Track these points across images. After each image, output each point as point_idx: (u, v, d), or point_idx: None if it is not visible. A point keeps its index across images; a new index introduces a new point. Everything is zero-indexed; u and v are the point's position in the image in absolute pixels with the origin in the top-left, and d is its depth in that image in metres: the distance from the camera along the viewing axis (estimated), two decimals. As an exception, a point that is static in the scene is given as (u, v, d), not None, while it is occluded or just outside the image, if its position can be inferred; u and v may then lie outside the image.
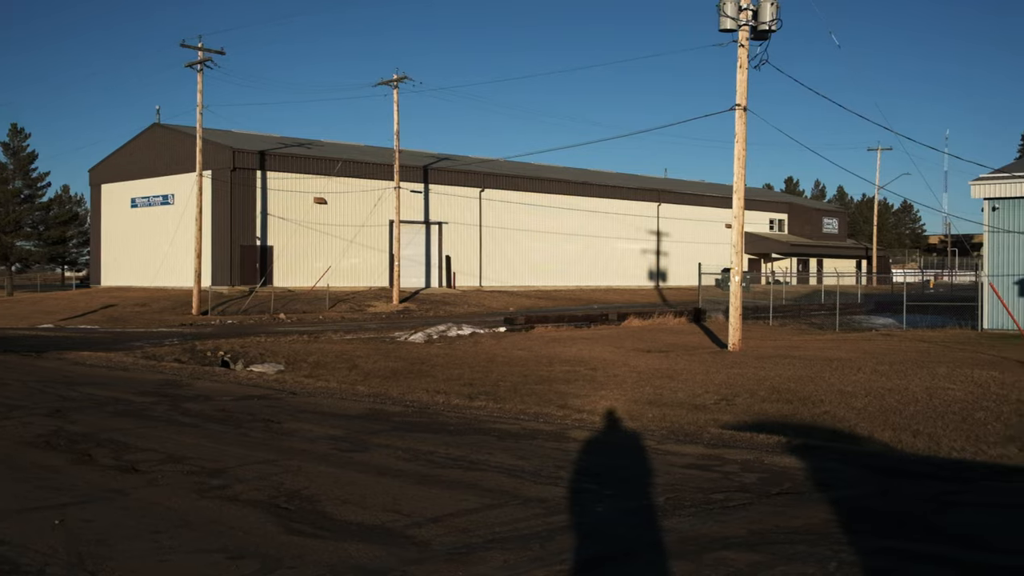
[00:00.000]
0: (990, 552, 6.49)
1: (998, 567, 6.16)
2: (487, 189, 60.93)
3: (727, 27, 24.91)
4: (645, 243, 71.02)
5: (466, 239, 59.81)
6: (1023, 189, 30.50)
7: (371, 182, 54.22)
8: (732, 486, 8.57)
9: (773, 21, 24.69)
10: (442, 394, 16.17)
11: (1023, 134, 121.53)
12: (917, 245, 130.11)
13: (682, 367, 20.53)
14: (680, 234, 72.55)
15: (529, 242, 62.98)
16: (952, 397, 15.70)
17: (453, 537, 6.89)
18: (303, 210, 52.19)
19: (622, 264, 68.97)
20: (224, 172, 49.57)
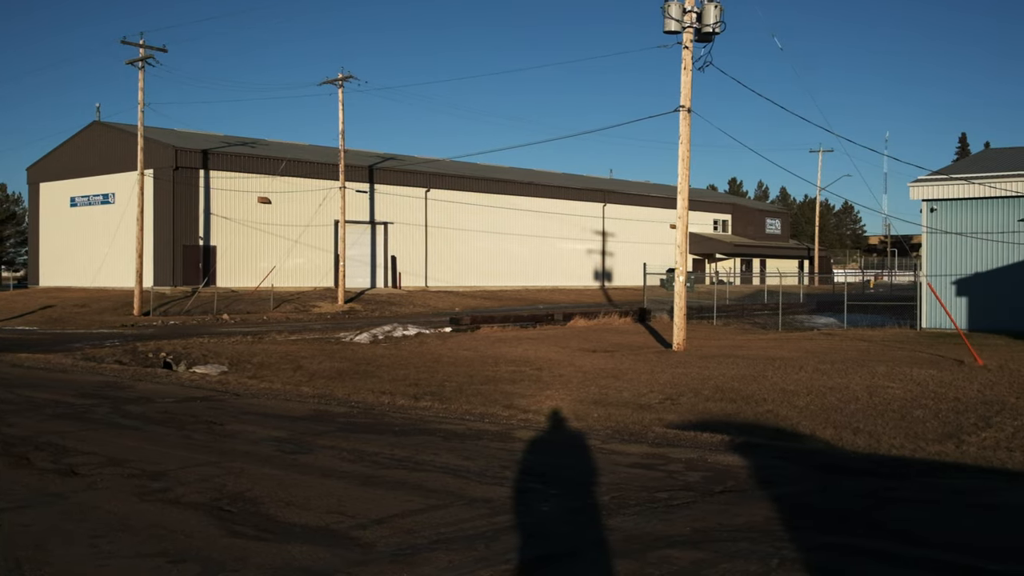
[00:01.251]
0: (927, 547, 6.61)
1: (934, 561, 6.27)
2: (433, 189, 60.81)
3: (671, 29, 25.07)
4: (591, 243, 71.31)
5: (412, 239, 59.64)
6: (960, 191, 31.07)
7: (316, 182, 53.86)
8: (676, 485, 8.63)
9: (717, 24, 24.89)
10: (387, 395, 16.11)
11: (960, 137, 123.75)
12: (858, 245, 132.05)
13: (627, 367, 20.63)
14: (626, 234, 72.94)
15: (475, 242, 62.97)
16: (892, 395, 15.93)
17: (398, 538, 6.86)
18: (247, 210, 51.71)
19: (568, 264, 69.18)
20: (166, 171, 48.95)
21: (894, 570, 6.13)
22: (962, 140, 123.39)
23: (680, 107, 25.20)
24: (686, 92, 25.16)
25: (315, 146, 64.14)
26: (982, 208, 30.87)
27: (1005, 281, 30.15)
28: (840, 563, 6.26)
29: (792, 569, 6.04)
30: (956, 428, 13.01)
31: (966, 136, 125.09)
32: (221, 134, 59.26)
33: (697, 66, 25.28)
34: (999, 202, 30.48)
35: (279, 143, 62.22)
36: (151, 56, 42.74)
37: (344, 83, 48.90)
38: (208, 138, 56.27)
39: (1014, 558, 6.36)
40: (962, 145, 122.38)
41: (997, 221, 30.53)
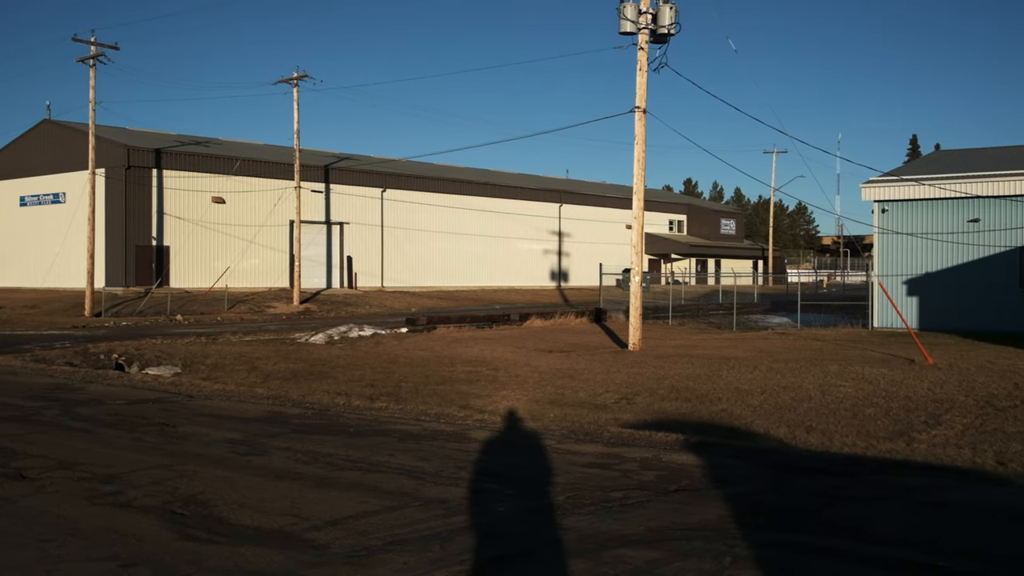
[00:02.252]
0: (878, 544, 6.68)
1: (884, 558, 6.34)
2: (389, 189, 60.63)
3: (627, 30, 25.18)
4: (547, 243, 71.45)
5: (368, 239, 59.42)
6: (911, 192, 31.47)
7: (271, 181, 53.51)
8: (631, 484, 8.66)
9: (672, 25, 25.03)
10: (343, 395, 16.02)
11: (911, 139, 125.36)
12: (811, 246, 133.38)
13: (583, 367, 20.69)
14: (582, 235, 73.15)
15: (431, 243, 62.86)
16: (844, 394, 16.10)
17: (352, 540, 6.83)
18: (201, 210, 51.25)
19: (524, 264, 69.26)
20: (118, 170, 48.38)
21: (845, 567, 6.20)
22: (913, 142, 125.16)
23: (635, 108, 25.31)
24: (641, 93, 25.27)
25: (270, 146, 63.74)
26: (932, 209, 31.29)
27: (955, 281, 30.59)
28: (792, 560, 6.31)
29: (745, 567, 6.09)
30: (907, 426, 13.16)
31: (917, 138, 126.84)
32: (175, 133, 58.69)
33: (652, 67, 25.44)
34: (949, 203, 30.91)
35: (234, 142, 61.74)
36: (102, 54, 42.24)
37: (299, 82, 48.63)
38: (161, 137, 55.71)
39: (963, 554, 6.44)
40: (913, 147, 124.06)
41: (947, 222, 30.96)
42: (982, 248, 30.25)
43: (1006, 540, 6.92)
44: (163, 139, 54.64)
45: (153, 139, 54.01)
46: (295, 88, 48.75)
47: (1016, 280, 29.76)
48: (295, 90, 48.78)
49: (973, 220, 30.56)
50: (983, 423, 13.30)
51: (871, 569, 6.15)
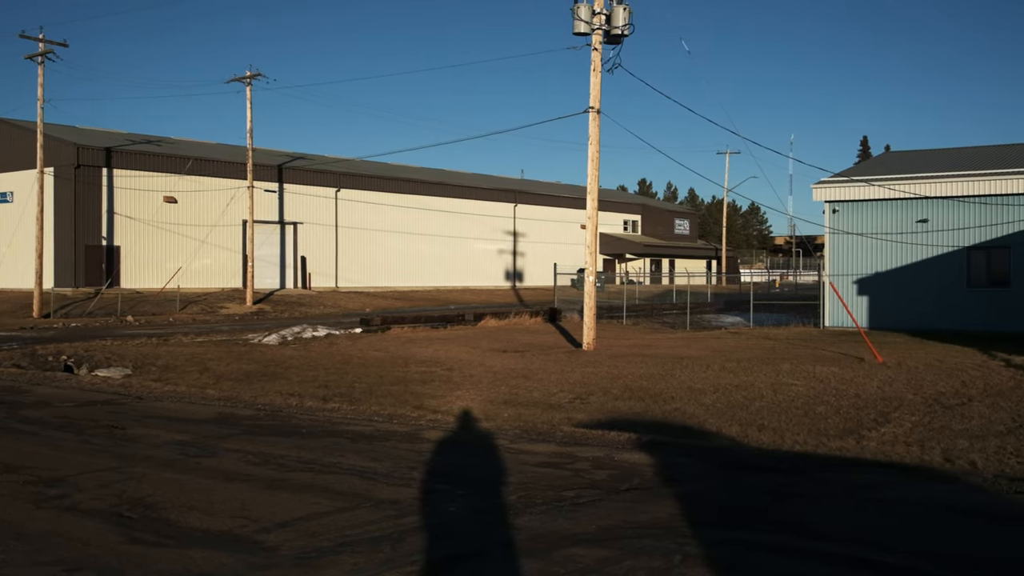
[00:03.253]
0: (827, 541, 6.74)
1: (833, 555, 6.41)
2: (344, 189, 60.33)
3: (581, 31, 25.24)
4: (502, 243, 71.46)
5: (322, 239, 59.09)
6: (861, 193, 31.84)
7: (224, 181, 53.02)
8: (583, 483, 8.68)
9: (626, 26, 25.13)
10: (296, 396, 15.91)
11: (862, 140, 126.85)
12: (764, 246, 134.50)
13: (537, 367, 20.71)
14: (537, 235, 73.25)
15: (386, 243, 62.64)
16: (795, 392, 16.25)
17: (302, 541, 6.78)
18: (152, 209, 50.69)
19: (479, 265, 69.24)
20: (67, 169, 47.71)
21: (794, 563, 6.25)
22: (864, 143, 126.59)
23: (590, 108, 25.38)
24: (595, 93, 25.34)
25: (223, 144, 63.17)
26: (882, 209, 31.68)
27: (904, 281, 30.99)
28: (742, 558, 6.35)
29: (695, 565, 6.12)
30: (857, 424, 13.30)
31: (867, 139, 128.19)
32: (125, 132, 57.97)
33: (606, 68, 25.52)
34: (898, 203, 31.31)
35: (186, 141, 61.14)
36: (51, 51, 41.63)
37: (252, 81, 48.26)
38: (112, 136, 55.02)
39: (909, 551, 6.52)
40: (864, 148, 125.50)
41: (896, 222, 31.35)
42: (931, 248, 30.67)
43: (952, 537, 7.02)
44: (114, 138, 53.96)
45: (103, 138, 53.33)
46: (248, 87, 48.38)
47: (963, 280, 30.21)
48: (248, 89, 48.40)
49: (922, 220, 30.98)
50: (931, 421, 13.48)
51: (819, 566, 6.21)
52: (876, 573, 6.05)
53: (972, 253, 30.15)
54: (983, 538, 7.01)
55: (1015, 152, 34.24)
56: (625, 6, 25.07)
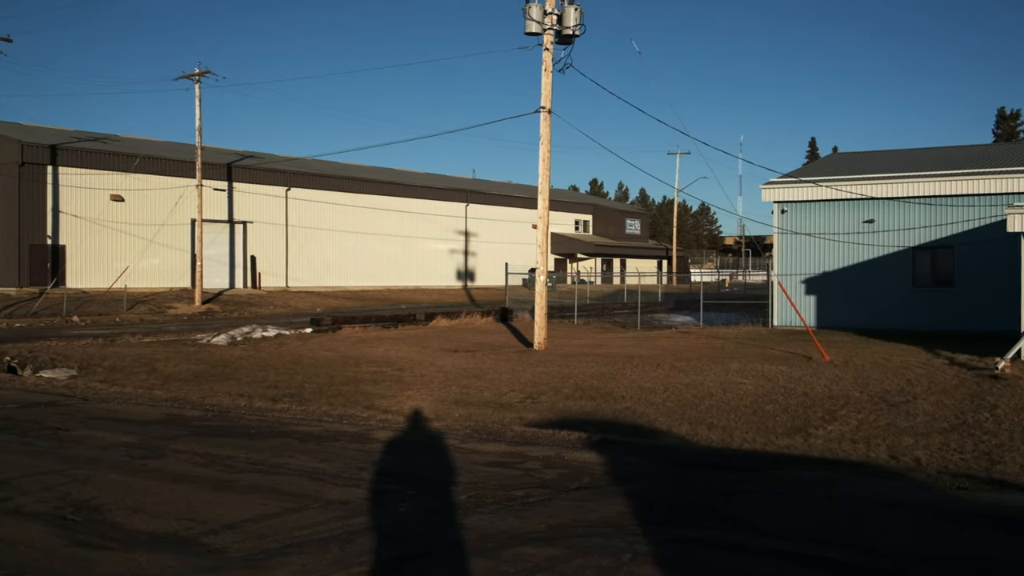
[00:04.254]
0: (774, 537, 6.80)
1: (780, 552, 6.46)
2: (294, 188, 59.92)
3: (532, 31, 25.29)
4: (454, 243, 71.37)
5: (272, 239, 58.64)
6: (809, 193, 32.19)
7: (172, 179, 52.46)
8: (533, 482, 8.68)
9: (577, 26, 25.21)
10: (245, 397, 15.78)
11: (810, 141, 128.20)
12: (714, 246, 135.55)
13: (489, 366, 20.70)
14: (488, 234, 73.24)
15: (337, 242, 62.29)
16: (744, 391, 16.39)
17: (250, 543, 6.72)
18: (99, 208, 50.00)
19: (431, 264, 69.09)
20: (11, 167, 46.93)
21: (743, 561, 6.29)
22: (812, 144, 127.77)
23: (541, 108, 25.42)
24: (547, 93, 25.39)
25: (172, 143, 62.45)
26: (830, 210, 32.05)
27: (851, 280, 31.38)
28: (691, 556, 6.39)
29: (644, 563, 6.14)
30: (804, 422, 13.45)
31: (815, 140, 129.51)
32: (71, 129, 57.08)
33: (558, 68, 25.59)
34: (845, 204, 31.69)
35: (134, 139, 60.38)
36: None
37: (201, 78, 47.77)
38: (57, 133, 54.17)
39: (856, 546, 6.59)
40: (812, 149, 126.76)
41: (843, 222, 31.73)
42: (877, 248, 31.07)
43: (897, 533, 7.10)
44: (59, 135, 53.13)
45: (49, 135, 52.50)
46: (197, 84, 47.88)
47: (909, 279, 30.64)
48: (197, 86, 47.91)
49: (868, 221, 31.38)
50: (877, 418, 13.67)
51: (767, 562, 6.26)
52: (824, 570, 6.11)
53: (917, 253, 30.59)
54: (928, 534, 7.11)
55: (960, 154, 34.80)
56: (576, 6, 25.15)
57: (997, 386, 16.77)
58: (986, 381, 17.43)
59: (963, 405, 14.72)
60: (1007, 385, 16.88)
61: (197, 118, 48.11)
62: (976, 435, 12.29)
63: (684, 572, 6.07)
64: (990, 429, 12.70)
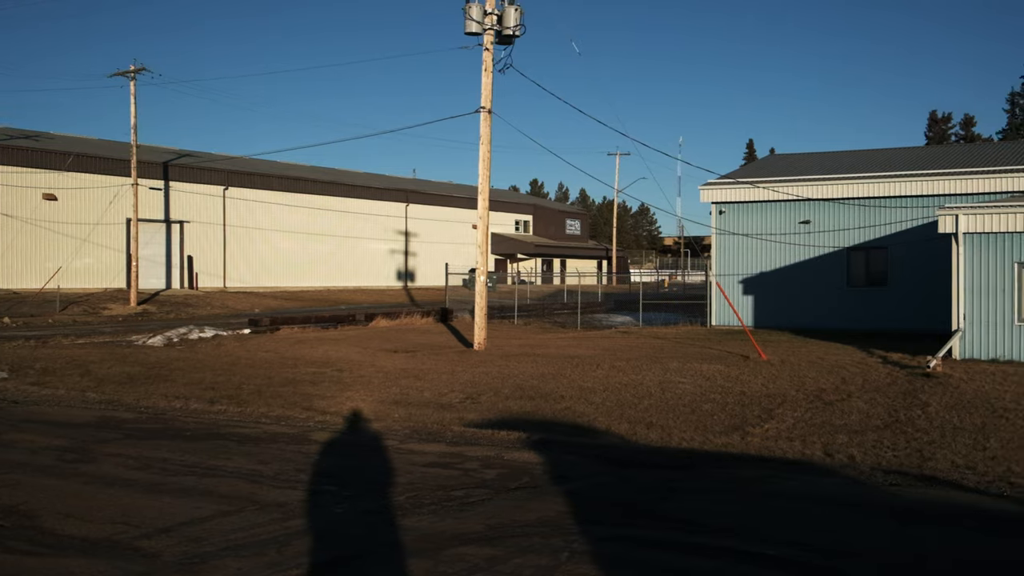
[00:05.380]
0: (710, 534, 6.86)
1: (716, 548, 6.52)
2: (232, 187, 59.27)
3: (473, 31, 25.27)
4: (394, 243, 71.09)
5: (210, 239, 57.93)
6: (746, 194, 32.55)
7: (107, 178, 51.60)
8: (472, 483, 8.67)
9: (517, 27, 25.23)
10: (181, 399, 15.56)
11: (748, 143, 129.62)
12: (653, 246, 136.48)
13: (429, 366, 20.65)
14: (429, 234, 73.07)
15: (276, 242, 61.72)
16: (683, 390, 16.52)
17: (185, 547, 6.63)
18: (30, 207, 49.03)
19: (371, 265, 68.74)
20: (-61, 165, 45.89)
21: (680, 558, 6.34)
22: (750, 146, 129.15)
23: (481, 108, 25.41)
24: (487, 93, 25.39)
25: (106, 141, 61.43)
26: (767, 211, 32.43)
27: (788, 281, 31.78)
28: (628, 553, 6.42)
29: (581, 561, 6.16)
30: (742, 420, 13.58)
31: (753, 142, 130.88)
32: (2, 126, 55.97)
33: (498, 68, 25.57)
34: (782, 205, 32.08)
35: (67, 137, 59.27)
36: (-78, 42, 39.96)
37: (136, 76, 47.06)
38: (-13, 131, 53.06)
39: (789, 542, 6.67)
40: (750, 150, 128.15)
41: (780, 223, 32.13)
42: (813, 249, 31.50)
43: (832, 529, 7.20)
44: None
45: (-22, 133, 51.40)
46: (132, 82, 47.16)
47: (844, 280, 31.11)
48: (132, 84, 47.18)
49: (804, 222, 31.80)
50: (812, 416, 13.84)
51: (703, 559, 6.32)
52: (759, 566, 6.17)
53: (852, 254, 31.07)
54: (861, 529, 7.22)
55: (893, 156, 35.40)
56: (517, 7, 25.18)
57: (929, 384, 17.08)
58: (918, 379, 17.75)
59: (896, 403, 14.97)
60: (938, 383, 17.20)
61: (132, 116, 47.40)
62: (908, 432, 12.50)
63: (622, 570, 6.10)
64: (922, 426, 12.93)
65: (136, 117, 47.47)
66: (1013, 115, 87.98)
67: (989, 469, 10.04)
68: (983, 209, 21.36)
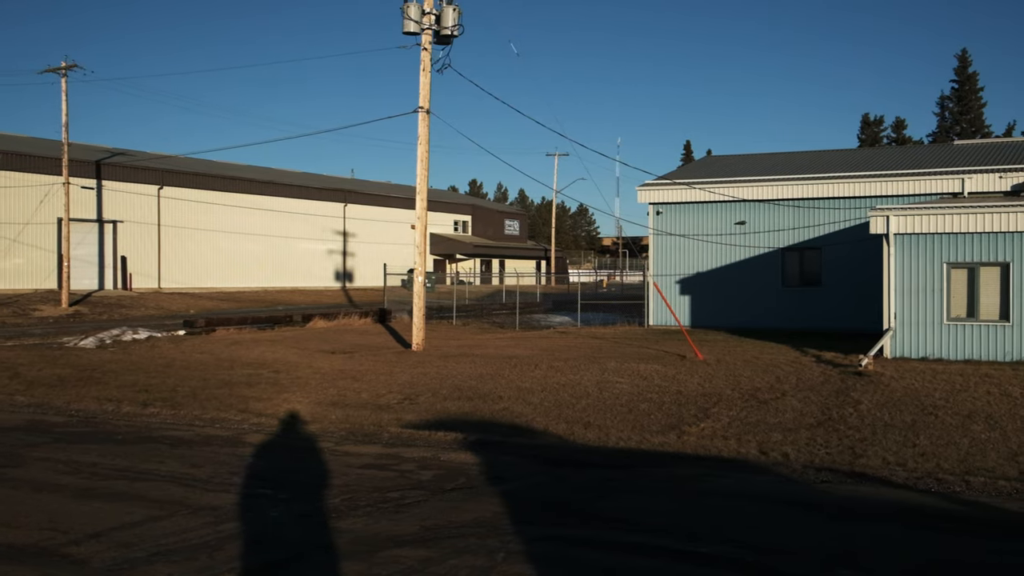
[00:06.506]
0: (645, 533, 6.90)
1: (650, 546, 6.56)
2: (167, 187, 58.46)
3: (411, 30, 25.17)
4: (332, 243, 70.62)
5: (144, 239, 57.07)
6: (683, 195, 32.83)
7: (37, 176, 50.60)
8: (408, 484, 8.64)
9: (456, 27, 25.19)
10: (113, 402, 15.30)
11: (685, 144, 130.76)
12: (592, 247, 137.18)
13: (367, 368, 20.54)
14: (367, 235, 72.69)
15: (212, 242, 61.00)
16: (620, 390, 16.60)
17: (115, 552, 6.52)
18: (-42, 206, 47.98)
19: (309, 265, 68.21)
20: None
21: (614, 557, 6.37)
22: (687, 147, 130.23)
23: (419, 108, 25.33)
24: (425, 93, 25.32)
25: (36, 138, 60.25)
26: (703, 212, 32.73)
27: (724, 280, 32.10)
28: (562, 553, 6.44)
29: (516, 561, 6.16)
30: (678, 420, 13.68)
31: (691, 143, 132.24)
32: (-73, 124, 54.67)
33: (436, 68, 25.51)
34: (718, 206, 32.40)
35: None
36: None
37: (68, 72, 46.21)
38: (-88, 128, 51.77)
39: (722, 539, 6.73)
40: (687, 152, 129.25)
41: (716, 224, 32.44)
42: (749, 249, 31.86)
43: (764, 526, 7.28)
44: (-86, 130, 50.79)
45: (-97, 130, 50.12)
46: (63, 78, 46.30)
47: (779, 280, 31.49)
48: (63, 80, 46.32)
49: (740, 222, 32.15)
50: (747, 415, 13.99)
51: (639, 558, 6.35)
52: (692, 563, 6.22)
53: (786, 254, 31.47)
54: (793, 527, 7.31)
55: (827, 158, 35.92)
56: (455, 7, 25.14)
57: (861, 383, 17.35)
58: (851, 378, 18.02)
59: (829, 401, 15.18)
60: (870, 381, 17.48)
61: (64, 113, 46.53)
62: (841, 430, 12.69)
63: (556, 570, 6.11)
64: (854, 424, 13.13)
65: (67, 115, 46.60)
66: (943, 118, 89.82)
67: (918, 466, 10.22)
68: (913, 210, 21.75)
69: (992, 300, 20.98)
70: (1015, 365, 19.68)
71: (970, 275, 21.18)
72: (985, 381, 17.12)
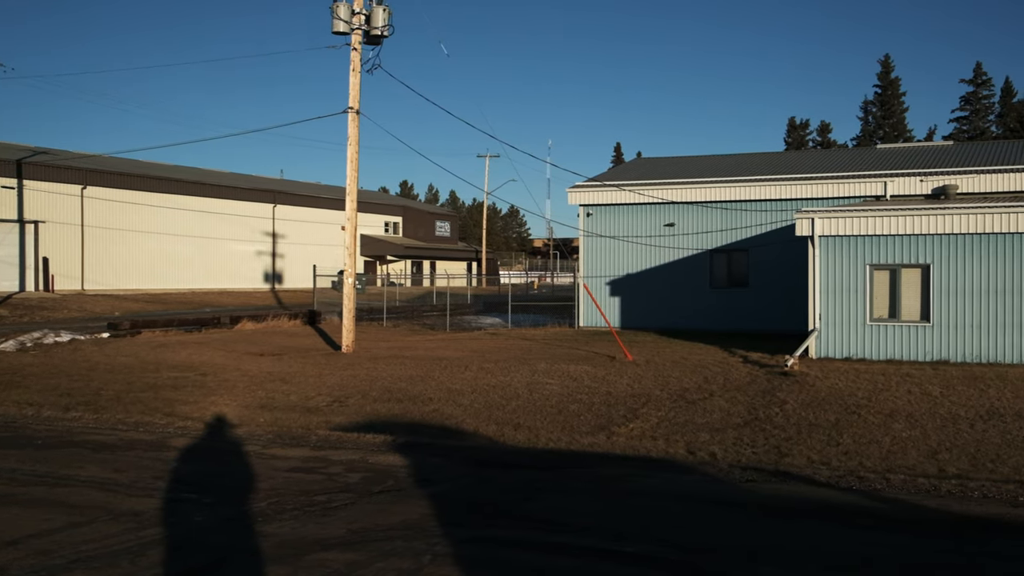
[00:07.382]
0: (572, 533, 6.93)
1: (577, 547, 6.59)
2: (91, 187, 57.36)
3: (340, 30, 25.02)
4: (261, 245, 69.86)
5: (67, 239, 55.93)
6: (613, 197, 33.04)
7: (-45, 176, 49.37)
8: (335, 487, 8.57)
9: (386, 27, 25.09)
10: (33, 406, 14.97)
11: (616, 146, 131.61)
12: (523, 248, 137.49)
13: (296, 370, 20.36)
14: (297, 236, 72.03)
15: (138, 243, 59.97)
16: (550, 391, 16.65)
17: (33, 560, 6.37)
18: None
19: (237, 266, 67.40)
20: None
21: (541, 557, 6.38)
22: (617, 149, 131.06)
23: (349, 108, 25.17)
24: (354, 94, 25.17)
25: (-46, 137, 58.80)
26: (633, 213, 32.97)
27: (653, 282, 32.37)
28: (490, 554, 6.44)
29: (443, 564, 6.14)
30: (607, 420, 13.77)
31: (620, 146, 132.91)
32: None
33: (366, 68, 25.37)
34: (648, 208, 32.67)
35: (-89, 133, 56.56)
36: None
37: (-13, 70, 45.18)
38: None
39: (649, 539, 6.78)
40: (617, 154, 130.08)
41: (646, 226, 32.70)
42: (678, 251, 32.16)
43: (690, 525, 7.35)
44: None
45: None
46: (-17, 76, 45.27)
47: (707, 281, 31.85)
48: (-17, 78, 45.29)
49: (669, 224, 32.45)
50: (676, 415, 14.13)
51: (565, 558, 6.37)
52: (617, 562, 6.26)
53: (715, 256, 31.83)
54: (717, 525, 7.39)
55: (754, 160, 36.42)
56: (385, 7, 25.03)
57: (786, 383, 17.62)
58: (776, 378, 18.29)
59: (755, 401, 15.39)
60: (795, 381, 17.75)
61: (-17, 112, 45.51)
62: (767, 430, 12.87)
63: (483, 571, 6.11)
64: (780, 424, 13.32)
65: (-13, 113, 45.52)
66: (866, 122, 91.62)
67: (841, 464, 10.40)
68: (837, 213, 22.13)
69: (913, 301, 21.42)
70: (935, 365, 20.12)
71: (892, 276, 21.60)
72: (906, 380, 17.48)
